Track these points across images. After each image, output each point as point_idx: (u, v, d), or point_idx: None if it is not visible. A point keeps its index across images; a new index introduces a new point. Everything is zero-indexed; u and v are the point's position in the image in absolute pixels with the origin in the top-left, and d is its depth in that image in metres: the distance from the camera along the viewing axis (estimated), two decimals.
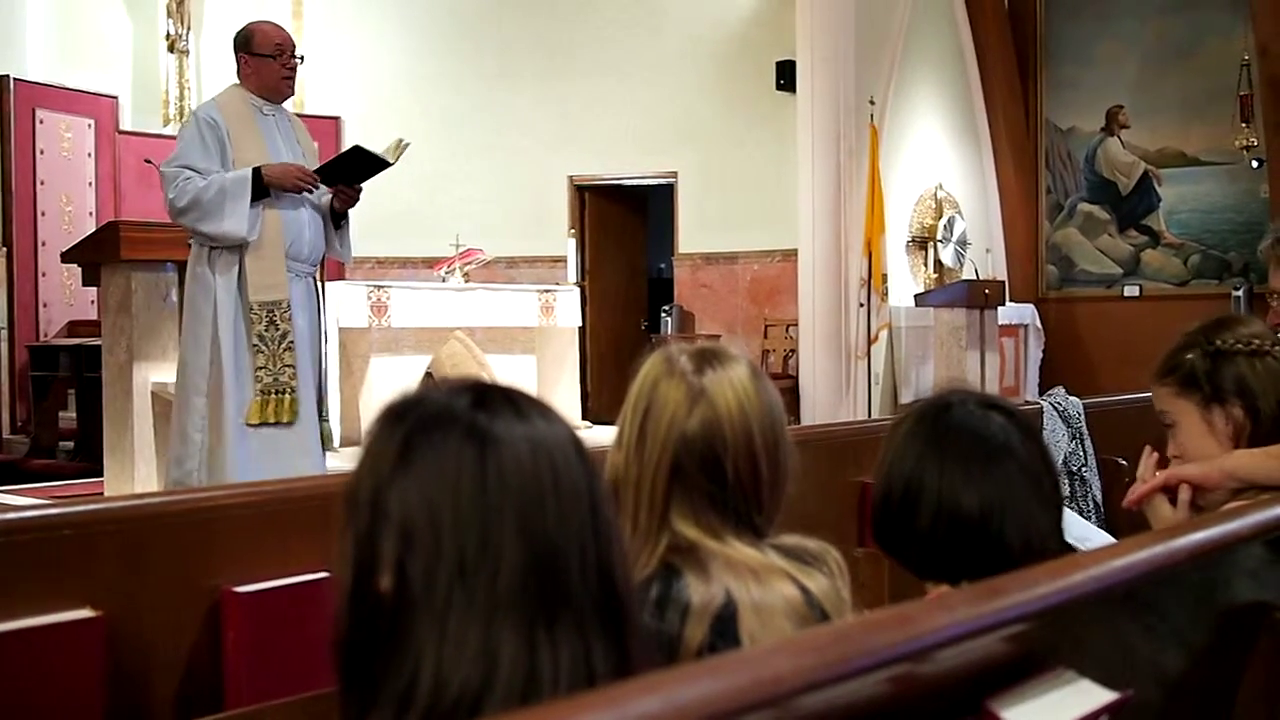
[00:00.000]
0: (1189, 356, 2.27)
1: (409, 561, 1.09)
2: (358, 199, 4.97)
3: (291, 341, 4.83)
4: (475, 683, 1.05)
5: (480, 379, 1.22)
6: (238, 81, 4.97)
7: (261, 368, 4.78)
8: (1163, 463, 2.28)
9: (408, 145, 5.10)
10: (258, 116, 4.92)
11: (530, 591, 1.08)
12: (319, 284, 5.14)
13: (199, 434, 4.79)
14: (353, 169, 4.90)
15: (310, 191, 4.84)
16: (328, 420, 5.12)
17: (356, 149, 4.88)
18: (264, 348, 4.78)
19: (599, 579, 1.12)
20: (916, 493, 1.69)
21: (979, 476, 1.67)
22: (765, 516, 1.67)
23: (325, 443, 5.10)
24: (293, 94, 5.09)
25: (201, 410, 4.78)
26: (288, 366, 4.82)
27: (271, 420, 4.78)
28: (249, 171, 4.71)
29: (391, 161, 4.98)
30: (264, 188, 4.73)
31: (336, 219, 5.04)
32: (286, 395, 4.82)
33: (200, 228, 4.74)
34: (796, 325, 10.12)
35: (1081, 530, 2.77)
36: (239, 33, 5.03)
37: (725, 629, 1.54)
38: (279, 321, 4.80)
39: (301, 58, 5.05)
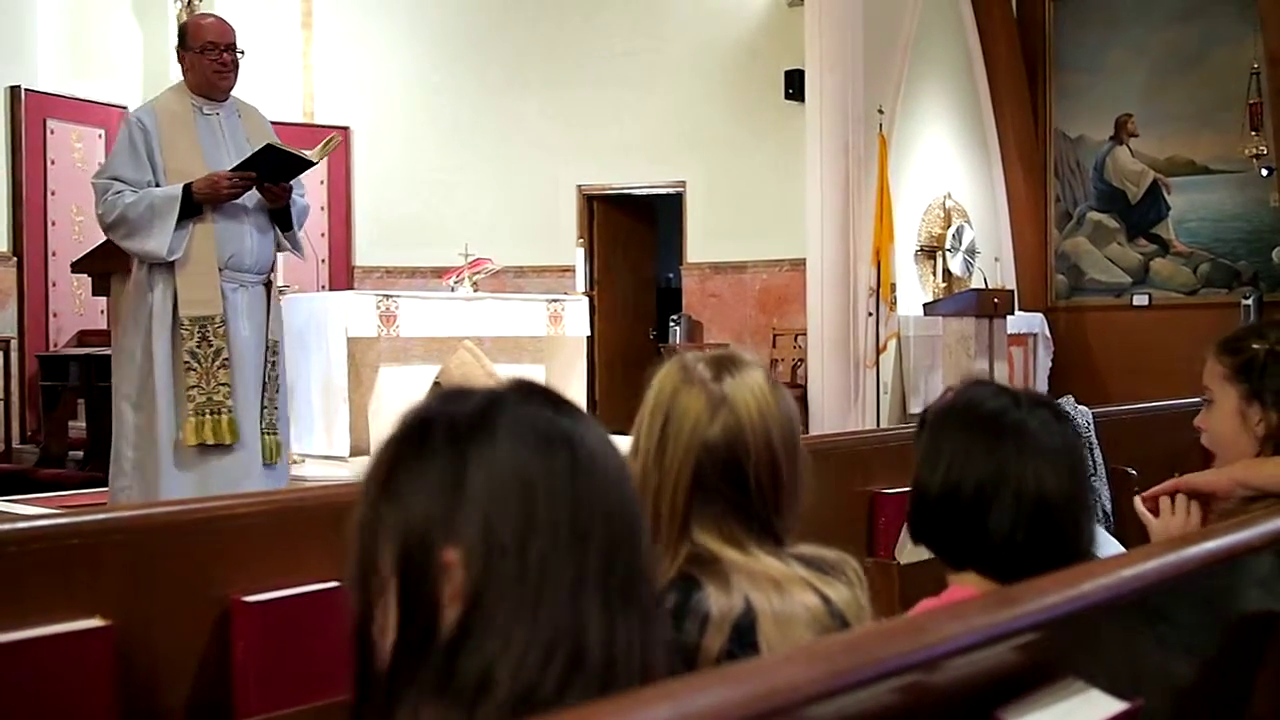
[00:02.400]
0: (1255, 346, 2.26)
1: (493, 541, 1.05)
2: (287, 197, 4.73)
3: (227, 359, 4.59)
4: (559, 667, 1.03)
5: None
6: (183, 80, 4.79)
7: (194, 386, 4.54)
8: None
9: (338, 143, 4.99)
10: (197, 117, 4.73)
11: (616, 572, 1.08)
12: (271, 291, 4.89)
13: (131, 449, 4.61)
14: (277, 167, 4.66)
15: (246, 191, 4.62)
16: (275, 433, 4.82)
17: (269, 147, 4.63)
18: (196, 365, 4.55)
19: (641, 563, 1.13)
20: (994, 489, 1.69)
21: (1058, 470, 1.70)
22: (784, 524, 1.67)
23: (271, 456, 4.80)
24: (230, 87, 4.81)
25: (133, 424, 4.60)
26: (222, 385, 4.57)
27: (210, 441, 4.54)
28: (179, 189, 4.52)
29: (315, 161, 4.79)
30: (195, 204, 4.54)
31: (279, 218, 4.82)
32: (224, 416, 4.56)
33: (125, 245, 4.60)
34: (805, 334, 10.10)
35: None
36: (178, 29, 4.89)
37: (744, 638, 1.54)
38: (212, 338, 4.57)
39: (242, 52, 4.78)
